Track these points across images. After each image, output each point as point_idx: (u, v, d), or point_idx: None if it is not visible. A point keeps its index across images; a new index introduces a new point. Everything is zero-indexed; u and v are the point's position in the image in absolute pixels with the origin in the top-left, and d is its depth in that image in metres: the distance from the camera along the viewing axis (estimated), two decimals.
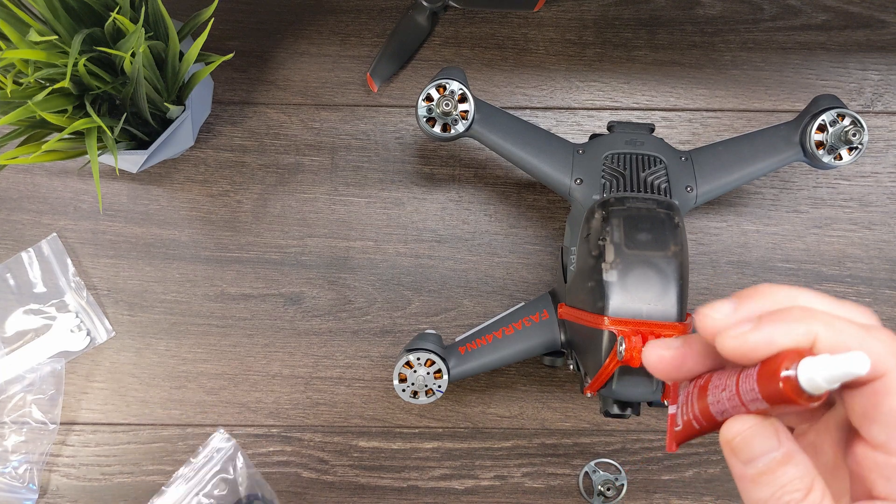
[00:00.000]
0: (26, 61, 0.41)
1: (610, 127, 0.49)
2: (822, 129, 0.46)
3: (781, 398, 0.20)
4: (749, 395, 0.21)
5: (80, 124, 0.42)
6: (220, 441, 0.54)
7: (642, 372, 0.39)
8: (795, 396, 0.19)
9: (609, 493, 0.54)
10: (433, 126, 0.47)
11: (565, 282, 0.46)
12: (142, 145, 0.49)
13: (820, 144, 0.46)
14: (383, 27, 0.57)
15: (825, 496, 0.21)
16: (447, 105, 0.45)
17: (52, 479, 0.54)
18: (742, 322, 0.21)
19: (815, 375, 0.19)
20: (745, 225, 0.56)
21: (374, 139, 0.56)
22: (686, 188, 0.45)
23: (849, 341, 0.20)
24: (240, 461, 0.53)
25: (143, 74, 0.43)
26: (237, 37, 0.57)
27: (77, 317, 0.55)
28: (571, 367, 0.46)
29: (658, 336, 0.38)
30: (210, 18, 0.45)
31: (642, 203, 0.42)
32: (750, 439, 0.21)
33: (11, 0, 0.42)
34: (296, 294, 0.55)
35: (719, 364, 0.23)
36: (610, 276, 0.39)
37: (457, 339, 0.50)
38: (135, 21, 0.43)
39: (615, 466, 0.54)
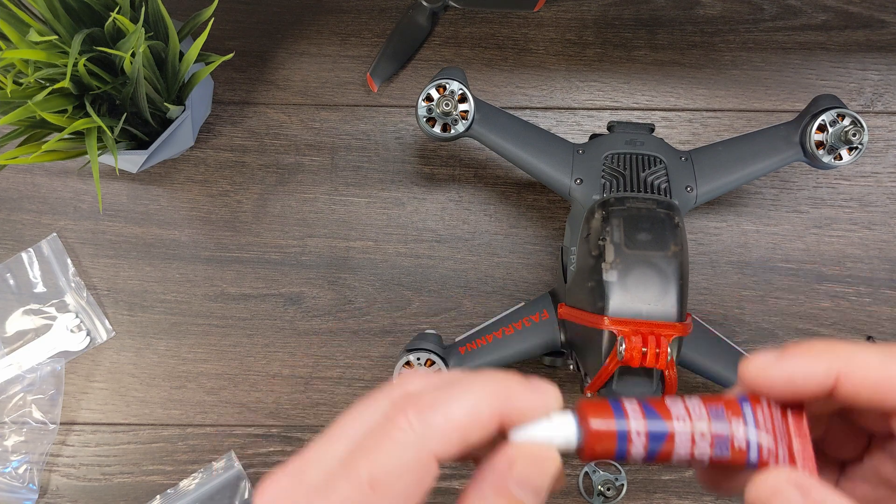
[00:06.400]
0: (26, 61, 0.41)
1: (610, 127, 0.49)
2: (822, 129, 0.46)
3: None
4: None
5: (80, 124, 0.42)
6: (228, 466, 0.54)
7: (642, 372, 0.39)
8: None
9: (609, 493, 0.53)
10: (433, 126, 0.47)
11: (565, 282, 0.46)
12: (142, 145, 0.49)
13: (820, 144, 0.46)
14: (383, 27, 0.57)
15: None
16: (447, 105, 0.45)
17: (52, 479, 0.54)
18: (769, 354, 0.20)
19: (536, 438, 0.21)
20: (745, 225, 0.56)
21: (374, 139, 0.56)
22: (686, 188, 0.45)
23: (872, 375, 0.19)
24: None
25: (143, 74, 0.43)
26: (237, 37, 0.57)
27: (77, 317, 0.55)
28: (571, 367, 0.46)
29: (658, 336, 0.38)
30: (210, 18, 0.45)
31: (642, 203, 0.42)
32: (769, 502, 0.20)
33: (11, 0, 0.42)
34: (296, 294, 0.55)
35: None
36: (610, 276, 0.39)
37: (457, 339, 0.50)
38: (135, 21, 0.43)
39: (615, 466, 0.54)
